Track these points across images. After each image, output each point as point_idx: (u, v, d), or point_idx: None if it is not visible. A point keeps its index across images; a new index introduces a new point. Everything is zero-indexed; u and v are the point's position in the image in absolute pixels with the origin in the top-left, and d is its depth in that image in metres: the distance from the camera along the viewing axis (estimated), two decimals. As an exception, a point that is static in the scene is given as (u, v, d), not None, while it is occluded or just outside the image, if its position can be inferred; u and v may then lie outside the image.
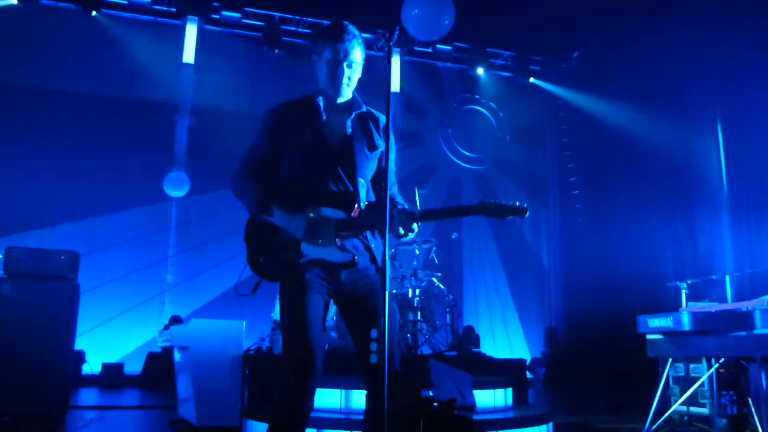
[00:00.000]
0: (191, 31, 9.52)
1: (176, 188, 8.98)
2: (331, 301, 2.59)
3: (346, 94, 2.62)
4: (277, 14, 9.90)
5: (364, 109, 2.68)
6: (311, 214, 2.50)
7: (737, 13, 7.65)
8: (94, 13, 9.02)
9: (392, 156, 2.70)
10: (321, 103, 2.60)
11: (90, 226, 8.67)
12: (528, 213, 2.45)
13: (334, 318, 6.15)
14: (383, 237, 2.23)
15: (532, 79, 11.49)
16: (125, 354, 8.38)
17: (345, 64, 2.54)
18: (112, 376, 7.83)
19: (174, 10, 9.46)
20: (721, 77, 8.28)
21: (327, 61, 2.55)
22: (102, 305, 8.29)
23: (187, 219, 9.14)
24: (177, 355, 5.20)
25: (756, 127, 8.03)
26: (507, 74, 11.45)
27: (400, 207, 2.50)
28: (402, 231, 2.46)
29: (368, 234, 2.58)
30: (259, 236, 2.62)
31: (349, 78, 2.57)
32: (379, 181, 2.62)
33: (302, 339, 2.40)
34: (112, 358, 8.20)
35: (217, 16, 9.72)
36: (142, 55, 9.29)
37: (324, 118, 2.57)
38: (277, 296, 2.62)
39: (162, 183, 8.95)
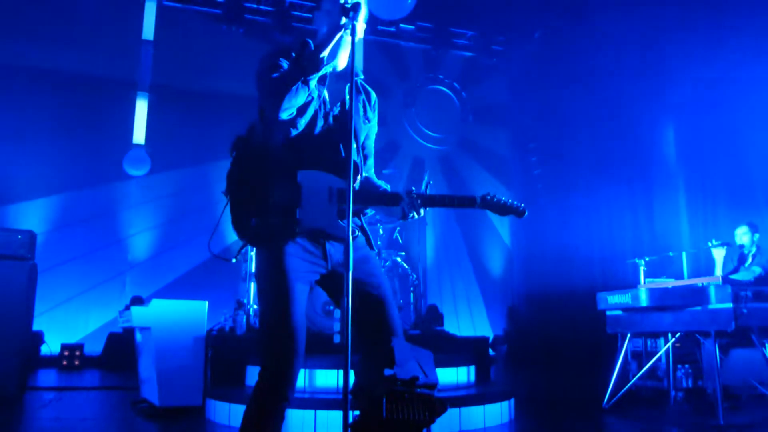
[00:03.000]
0: (151, 7, 9.25)
1: (136, 167, 8.81)
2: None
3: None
4: (239, -9, 9.66)
5: (360, 77, 2.66)
6: (311, 179, 2.36)
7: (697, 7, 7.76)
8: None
9: (373, 138, 2.70)
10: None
11: (48, 205, 8.46)
12: (527, 213, 2.52)
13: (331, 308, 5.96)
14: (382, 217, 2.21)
15: (494, 60, 11.53)
16: (85, 334, 8.25)
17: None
18: (71, 356, 7.71)
19: (133, -16, 9.19)
20: (679, 62, 8.41)
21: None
22: (61, 285, 8.13)
23: (147, 198, 8.97)
24: (138, 336, 5.14)
25: (711, 112, 8.21)
26: (470, 54, 11.45)
27: (408, 189, 2.47)
28: (412, 213, 2.42)
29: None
30: (247, 195, 2.36)
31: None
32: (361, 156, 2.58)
33: (285, 320, 2.26)
34: (72, 339, 8.06)
35: (177, -8, 9.47)
36: (101, 30, 9.01)
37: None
38: (249, 270, 2.52)
39: (122, 161, 8.76)
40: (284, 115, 2.36)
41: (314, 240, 2.37)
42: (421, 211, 2.43)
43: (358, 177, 2.50)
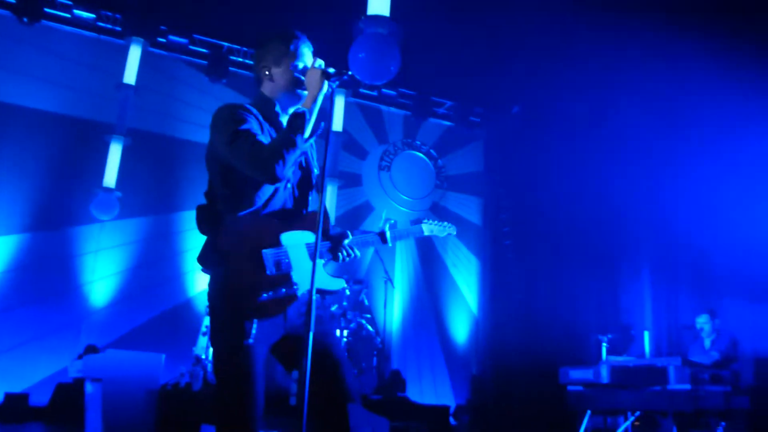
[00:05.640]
0: (135, 52, 9.30)
1: (104, 211, 8.68)
2: None
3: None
4: (226, 44, 9.80)
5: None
6: (290, 240, 2.36)
7: (682, 77, 8.08)
8: (27, 21, 8.64)
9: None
10: (280, 111, 2.56)
11: (6, 245, 8.23)
12: (455, 231, 2.67)
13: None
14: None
15: (472, 130, 11.80)
16: (32, 384, 7.87)
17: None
18: (15, 407, 7.34)
19: (119, 29, 9.25)
20: (657, 145, 8.71)
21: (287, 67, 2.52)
22: (9, 331, 7.82)
23: (112, 243, 8.80)
24: (89, 387, 4.96)
25: (683, 190, 8.46)
26: (448, 123, 11.71)
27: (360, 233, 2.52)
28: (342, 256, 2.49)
29: None
30: (236, 268, 2.30)
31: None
32: None
33: (246, 386, 2.23)
34: (17, 388, 7.69)
35: (163, 40, 9.54)
36: (80, 72, 9.02)
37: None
38: (206, 330, 2.48)
39: (89, 204, 8.63)
40: (281, 179, 2.33)
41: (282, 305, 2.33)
42: (356, 251, 2.54)
43: (328, 227, 2.53)
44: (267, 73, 2.58)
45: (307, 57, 2.55)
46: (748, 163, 7.36)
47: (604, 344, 5.61)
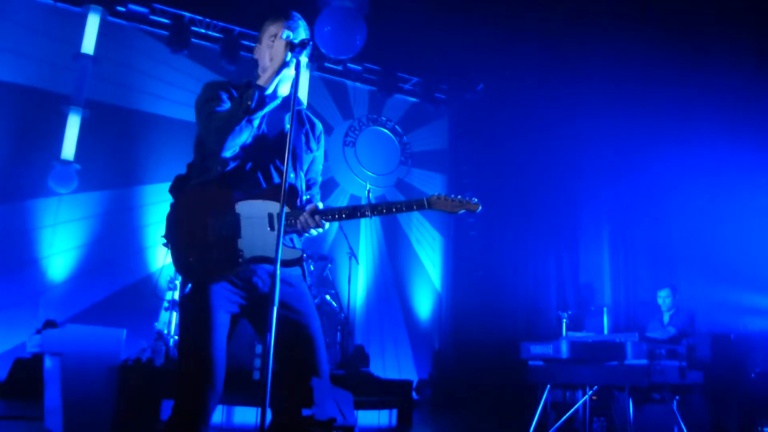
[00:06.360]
0: (93, 21, 9.02)
1: (62, 183, 8.47)
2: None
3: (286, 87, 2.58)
4: (187, 14, 9.56)
5: (303, 106, 2.68)
6: (249, 208, 2.35)
7: (636, 57, 8.20)
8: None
9: (318, 168, 2.72)
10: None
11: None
12: (480, 208, 2.41)
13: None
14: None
15: (437, 106, 11.80)
16: (-12, 359, 7.72)
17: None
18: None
19: (77, -4, 8.96)
20: (617, 122, 8.83)
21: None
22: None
23: (71, 217, 8.61)
24: (48, 362, 4.87)
25: (644, 171, 8.62)
26: (414, 99, 11.69)
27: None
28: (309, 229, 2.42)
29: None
30: (185, 233, 2.35)
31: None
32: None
33: (202, 352, 2.22)
34: (-27, 363, 7.54)
35: (122, 9, 9.27)
36: (37, 40, 8.73)
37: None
38: (172, 298, 2.47)
39: (47, 177, 8.41)
40: (228, 154, 2.37)
41: (243, 271, 2.34)
42: (325, 225, 2.42)
43: (297, 201, 2.50)
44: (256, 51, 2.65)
45: (283, 33, 2.52)
46: (708, 144, 7.53)
47: (564, 320, 5.73)
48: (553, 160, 9.62)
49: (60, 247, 8.46)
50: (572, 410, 5.37)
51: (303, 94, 10.30)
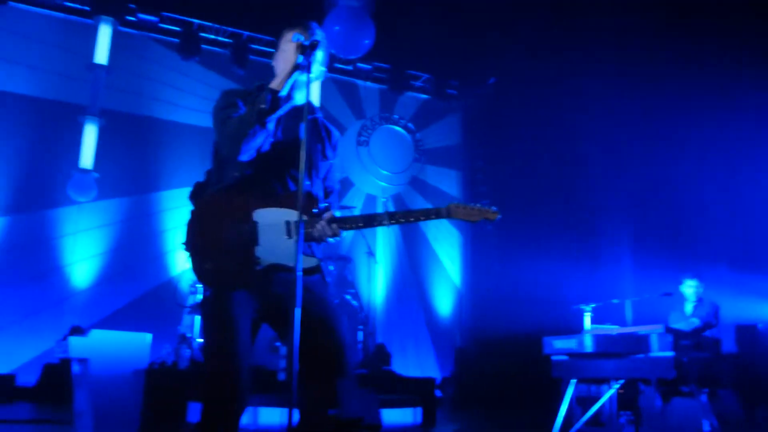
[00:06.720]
0: (105, 32, 9.10)
1: (81, 192, 8.56)
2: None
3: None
4: (196, 21, 9.61)
5: (319, 114, 2.69)
6: (267, 215, 2.37)
7: (651, 52, 8.12)
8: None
9: (335, 176, 2.73)
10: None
11: (-15, 229, 8.10)
12: (499, 216, 2.44)
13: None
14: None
15: (448, 102, 11.77)
16: (19, 365, 7.83)
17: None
18: (2, 387, 7.29)
19: (88, 9, 9.03)
20: (633, 114, 8.76)
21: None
22: (-5, 312, 7.75)
23: (92, 224, 8.70)
24: (75, 367, 4.92)
25: (663, 161, 8.54)
26: (425, 96, 11.66)
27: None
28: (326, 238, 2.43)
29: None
30: (202, 240, 2.37)
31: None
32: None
33: (228, 356, 2.24)
34: (4, 369, 7.64)
35: (133, 18, 9.34)
36: (50, 53, 8.83)
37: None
38: (195, 302, 2.49)
39: (66, 186, 8.51)
40: (244, 158, 2.38)
41: (260, 278, 2.34)
42: (342, 233, 2.43)
43: (314, 209, 2.49)
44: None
45: (293, 37, 2.52)
46: (730, 132, 7.43)
47: (587, 313, 5.68)
48: (568, 152, 9.55)
49: (82, 254, 8.56)
50: (598, 404, 5.32)
51: (315, 96, 10.31)
